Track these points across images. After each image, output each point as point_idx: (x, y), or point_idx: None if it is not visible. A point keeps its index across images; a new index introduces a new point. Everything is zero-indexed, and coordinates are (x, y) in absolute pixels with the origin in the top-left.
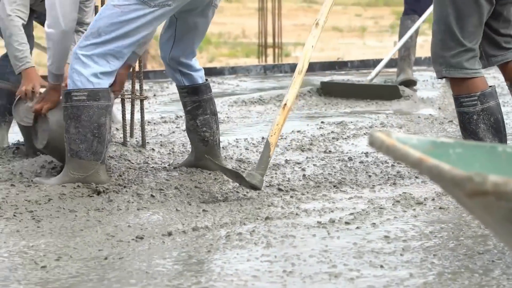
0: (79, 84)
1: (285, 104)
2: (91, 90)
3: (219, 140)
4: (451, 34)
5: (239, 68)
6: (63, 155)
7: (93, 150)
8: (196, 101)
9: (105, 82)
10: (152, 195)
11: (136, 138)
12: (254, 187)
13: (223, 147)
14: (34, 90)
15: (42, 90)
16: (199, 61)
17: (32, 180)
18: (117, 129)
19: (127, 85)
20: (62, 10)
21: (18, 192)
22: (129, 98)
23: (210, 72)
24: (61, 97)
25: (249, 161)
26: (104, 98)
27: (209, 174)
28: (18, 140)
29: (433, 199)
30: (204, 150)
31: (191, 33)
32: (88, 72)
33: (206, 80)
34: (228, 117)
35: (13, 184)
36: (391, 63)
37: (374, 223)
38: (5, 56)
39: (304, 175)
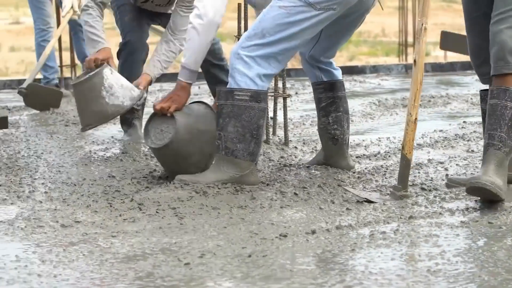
0: (242, 84)
1: (416, 119)
2: (254, 91)
3: (348, 140)
4: None
5: (381, 67)
6: (178, 162)
7: (250, 151)
8: (331, 97)
9: (267, 85)
10: (295, 193)
11: (278, 136)
12: None
13: (365, 146)
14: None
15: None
16: (338, 60)
17: (177, 179)
18: None
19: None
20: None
21: (160, 189)
22: (272, 96)
23: (351, 70)
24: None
25: (390, 160)
26: (264, 100)
27: (353, 172)
28: None
29: None
30: (333, 149)
31: (337, 36)
32: (252, 73)
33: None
34: (370, 116)
35: (153, 181)
36: None
37: None
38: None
39: (447, 175)
